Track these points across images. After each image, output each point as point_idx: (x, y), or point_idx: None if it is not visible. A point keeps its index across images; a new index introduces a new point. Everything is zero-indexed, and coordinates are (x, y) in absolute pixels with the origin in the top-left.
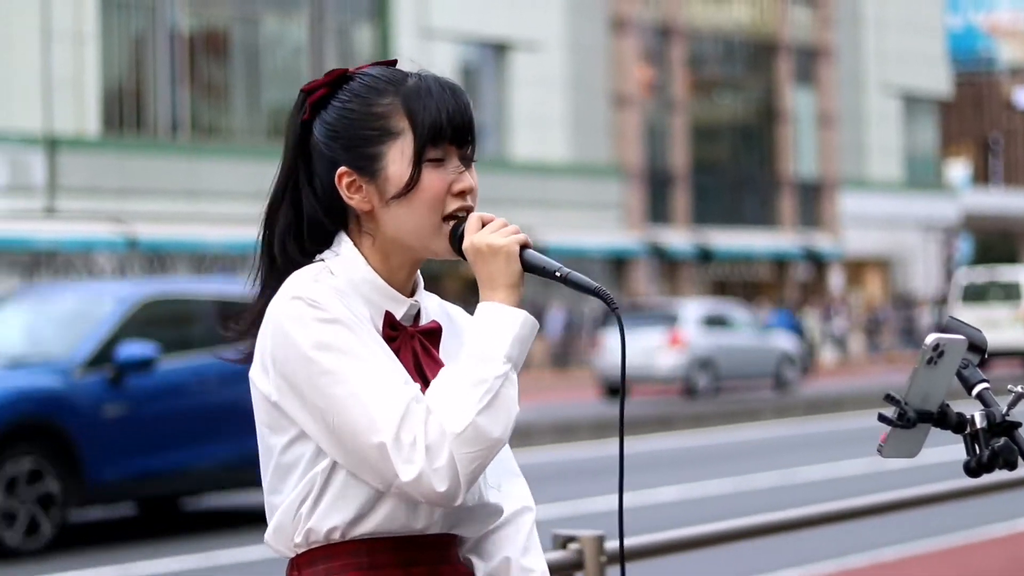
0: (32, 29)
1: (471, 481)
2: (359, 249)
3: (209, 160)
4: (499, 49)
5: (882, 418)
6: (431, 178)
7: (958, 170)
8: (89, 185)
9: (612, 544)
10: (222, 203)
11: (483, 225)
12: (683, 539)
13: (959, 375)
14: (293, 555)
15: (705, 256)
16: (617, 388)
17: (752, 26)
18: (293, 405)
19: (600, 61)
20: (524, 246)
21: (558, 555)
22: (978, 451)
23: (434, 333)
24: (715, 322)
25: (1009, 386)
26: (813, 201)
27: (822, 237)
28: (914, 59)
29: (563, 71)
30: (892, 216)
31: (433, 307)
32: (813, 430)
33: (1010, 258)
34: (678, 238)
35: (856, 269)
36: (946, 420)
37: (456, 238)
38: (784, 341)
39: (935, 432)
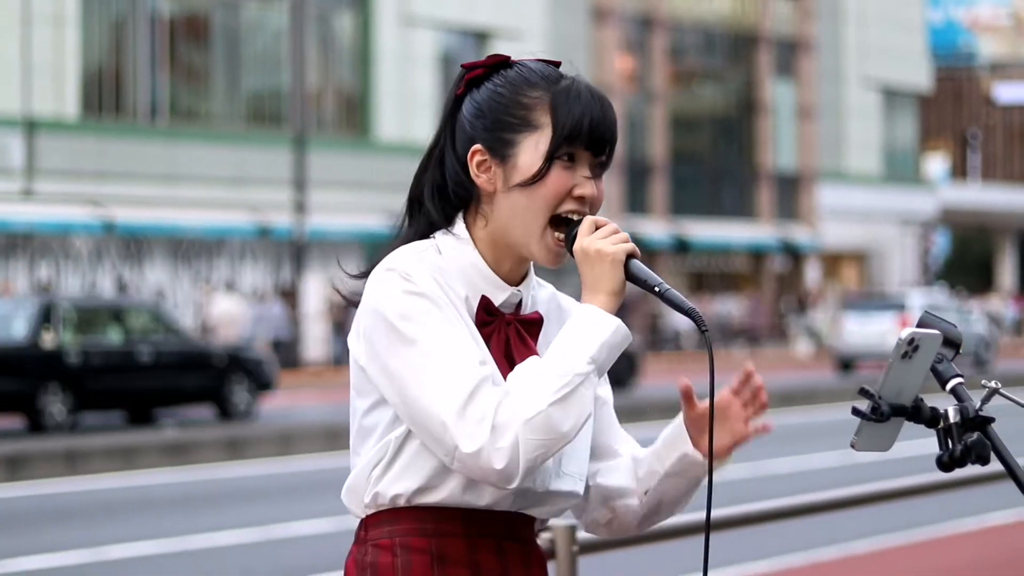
0: (12, 12)
1: (531, 467)
2: (471, 231)
3: (188, 145)
4: (480, 38)
5: (856, 411)
6: (557, 175)
7: (936, 164)
8: (67, 168)
9: (583, 535)
10: (200, 188)
11: (596, 229)
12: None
13: (933, 370)
14: (364, 515)
15: (682, 247)
16: (848, 364)
17: (733, 18)
18: (376, 370)
19: (581, 51)
20: (631, 256)
21: None
22: (951, 446)
23: (533, 323)
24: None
25: (983, 381)
26: (791, 193)
27: (799, 229)
28: (894, 53)
29: None
30: (870, 209)
31: (543, 298)
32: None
33: (986, 252)
34: (656, 229)
35: (833, 262)
36: (920, 414)
37: (570, 239)
38: (981, 326)
39: (907, 426)
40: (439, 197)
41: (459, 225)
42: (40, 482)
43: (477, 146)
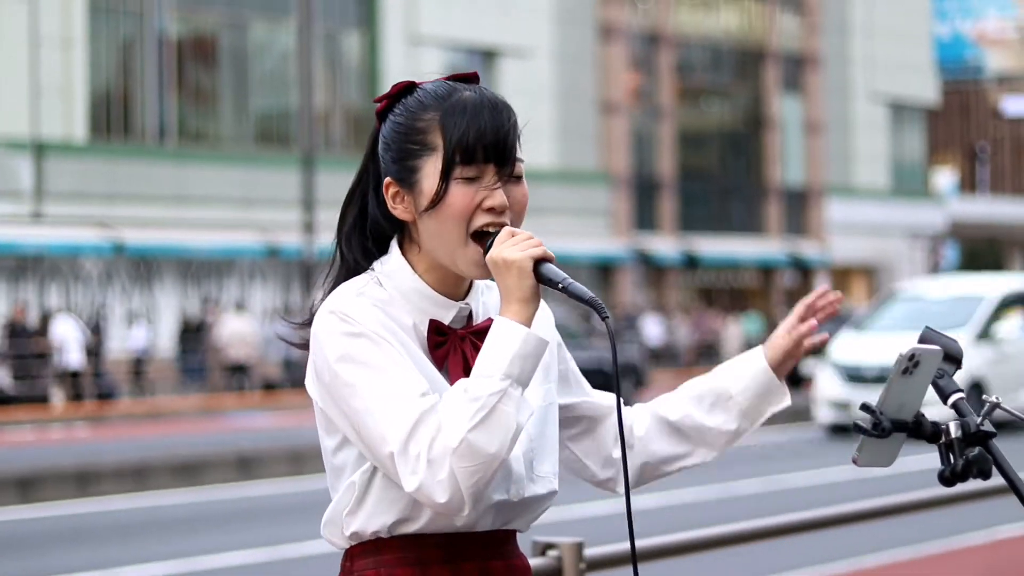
0: (20, 34)
1: (475, 492)
2: (408, 256)
3: (196, 166)
4: (487, 56)
5: (857, 427)
6: (457, 194)
7: (945, 178)
8: (76, 190)
9: (591, 551)
10: (209, 209)
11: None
12: (660, 547)
13: (935, 385)
14: (347, 546)
15: (691, 263)
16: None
17: (740, 33)
18: (332, 412)
19: (588, 68)
20: (542, 260)
21: (537, 562)
22: (952, 460)
23: (487, 331)
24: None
25: (984, 396)
26: (800, 208)
27: (808, 244)
28: (901, 67)
29: (551, 78)
30: (879, 224)
31: (494, 302)
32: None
33: (996, 266)
34: (665, 245)
35: (842, 276)
36: (921, 430)
37: (488, 251)
38: None
39: (913, 441)
40: (363, 232)
41: (394, 252)
42: (51, 504)
43: (388, 179)
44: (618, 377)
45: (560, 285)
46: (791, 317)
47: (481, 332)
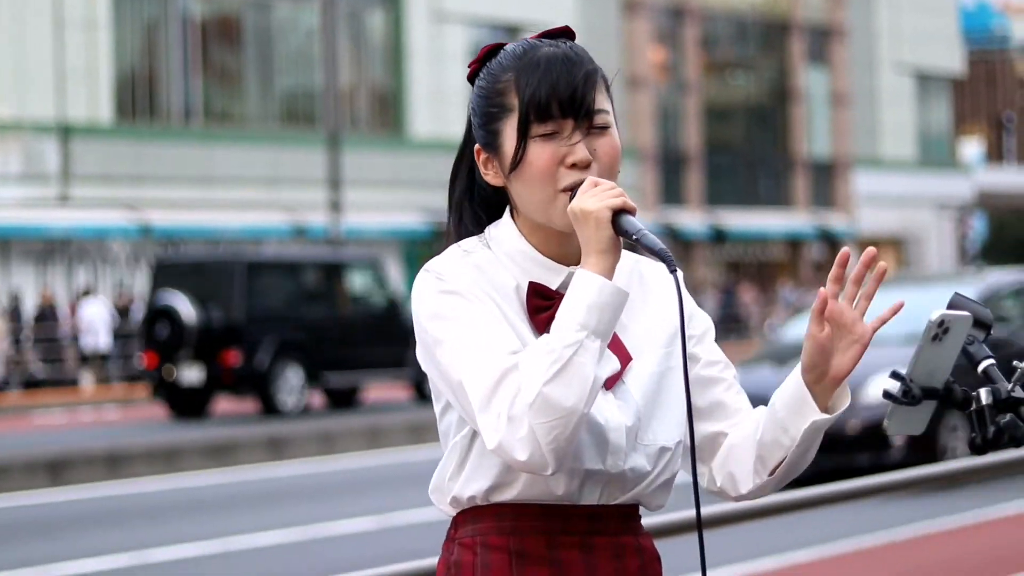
0: (45, 17)
1: (558, 449)
2: (516, 220)
3: (222, 146)
4: (512, 32)
5: (887, 395)
6: (537, 152)
7: (972, 148)
8: (102, 172)
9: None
10: (236, 189)
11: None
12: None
13: (964, 351)
14: (453, 513)
15: (719, 237)
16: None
17: (765, 6)
18: (432, 372)
19: (613, 43)
20: (621, 210)
21: None
22: (983, 428)
23: None
24: None
25: (1015, 362)
26: (827, 181)
27: (836, 217)
28: (927, 38)
29: None
30: (906, 195)
31: (623, 270)
32: None
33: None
34: (692, 219)
35: None
36: (951, 397)
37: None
38: None
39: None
40: (472, 202)
41: (505, 217)
42: (82, 486)
43: (477, 145)
44: (684, 332)
45: (634, 236)
46: (830, 284)
47: None
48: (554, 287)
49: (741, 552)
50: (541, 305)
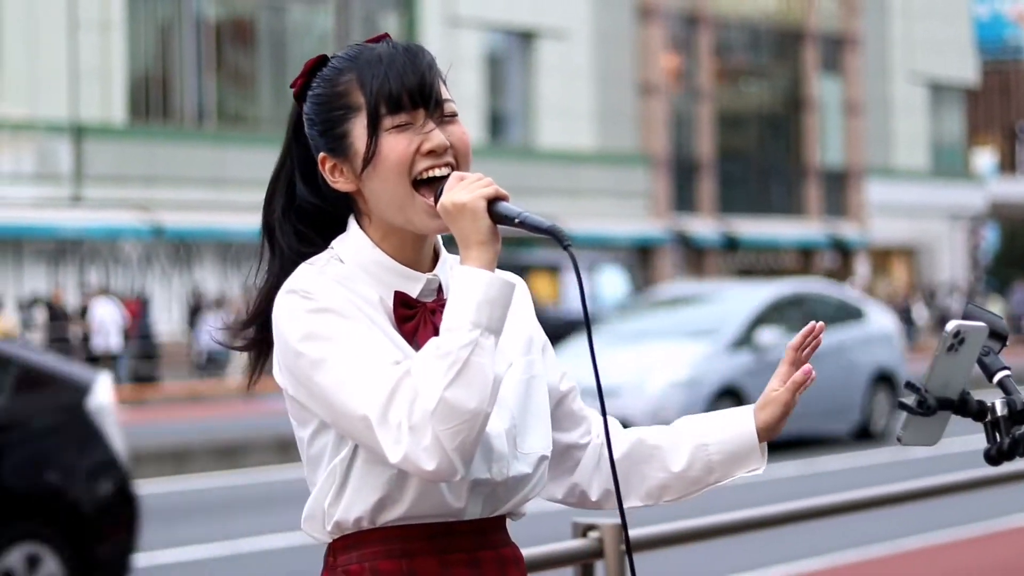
0: (59, 18)
1: (465, 454)
2: (365, 231)
3: (235, 148)
4: (525, 37)
5: (902, 405)
6: (391, 144)
7: (985, 159)
8: (115, 173)
9: (633, 532)
10: (248, 191)
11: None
12: (695, 529)
13: (980, 362)
14: (330, 540)
15: (731, 244)
16: None
17: (779, 14)
18: (303, 397)
19: (627, 49)
20: (496, 199)
21: (578, 544)
22: (999, 439)
23: None
24: None
25: None
26: (839, 190)
27: (848, 226)
28: (941, 47)
29: (590, 59)
30: (918, 205)
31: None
32: None
33: None
34: (704, 227)
35: (882, 258)
36: (967, 408)
37: (438, 199)
38: None
39: (957, 420)
40: (292, 219)
41: (352, 227)
42: None
43: (321, 155)
44: (588, 316)
45: (516, 220)
46: (783, 366)
47: None
48: (414, 295)
49: (751, 560)
50: (406, 315)
